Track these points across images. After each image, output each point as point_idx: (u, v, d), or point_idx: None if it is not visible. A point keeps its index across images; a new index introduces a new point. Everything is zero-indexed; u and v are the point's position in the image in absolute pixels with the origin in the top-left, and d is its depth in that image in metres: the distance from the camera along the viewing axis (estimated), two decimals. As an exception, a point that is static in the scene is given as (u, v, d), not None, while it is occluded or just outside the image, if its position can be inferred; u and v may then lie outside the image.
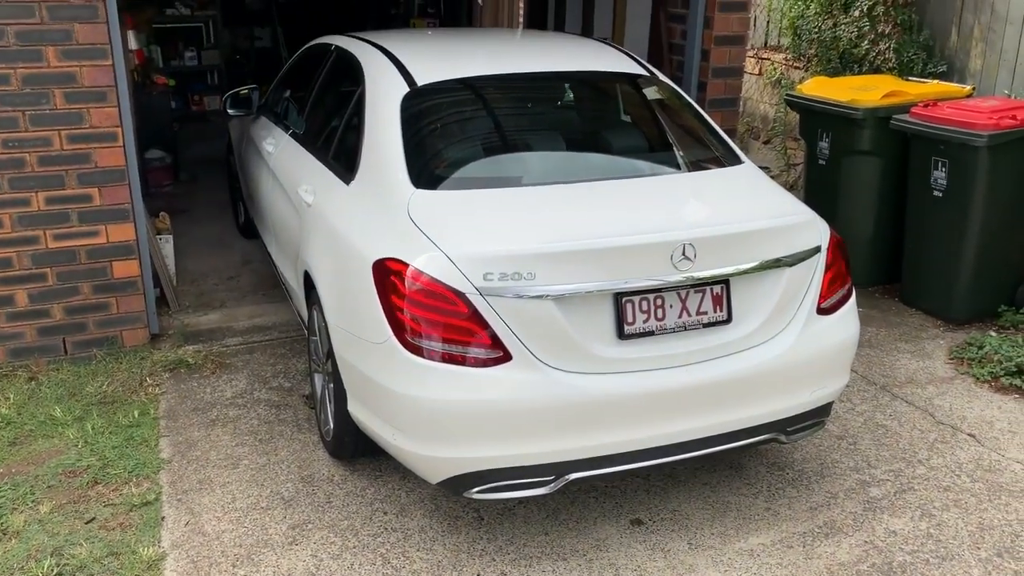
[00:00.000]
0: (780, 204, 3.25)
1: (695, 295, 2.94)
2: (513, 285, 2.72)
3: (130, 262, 4.54)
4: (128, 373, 4.49)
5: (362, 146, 3.44)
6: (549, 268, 2.74)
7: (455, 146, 3.44)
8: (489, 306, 2.73)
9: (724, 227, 2.94)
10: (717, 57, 5.48)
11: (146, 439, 3.89)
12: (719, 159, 3.53)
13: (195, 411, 4.14)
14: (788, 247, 3.05)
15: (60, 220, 4.35)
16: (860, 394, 4.30)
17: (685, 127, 3.77)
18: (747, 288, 3.01)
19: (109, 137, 4.31)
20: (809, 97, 5.53)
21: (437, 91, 3.53)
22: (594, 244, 2.78)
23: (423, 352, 2.76)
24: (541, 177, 3.26)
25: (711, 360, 2.97)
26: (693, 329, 2.95)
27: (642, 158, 3.50)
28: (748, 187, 3.36)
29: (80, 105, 4.22)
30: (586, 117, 3.79)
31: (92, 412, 4.10)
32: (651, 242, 2.82)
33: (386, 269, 2.86)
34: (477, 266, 2.73)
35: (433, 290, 2.74)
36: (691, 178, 3.36)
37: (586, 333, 2.82)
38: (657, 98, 3.86)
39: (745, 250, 2.97)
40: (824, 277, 3.17)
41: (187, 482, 3.56)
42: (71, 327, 4.53)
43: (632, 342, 2.88)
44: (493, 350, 2.75)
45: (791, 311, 3.10)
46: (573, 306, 2.79)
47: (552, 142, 3.54)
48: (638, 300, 2.87)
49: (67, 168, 4.29)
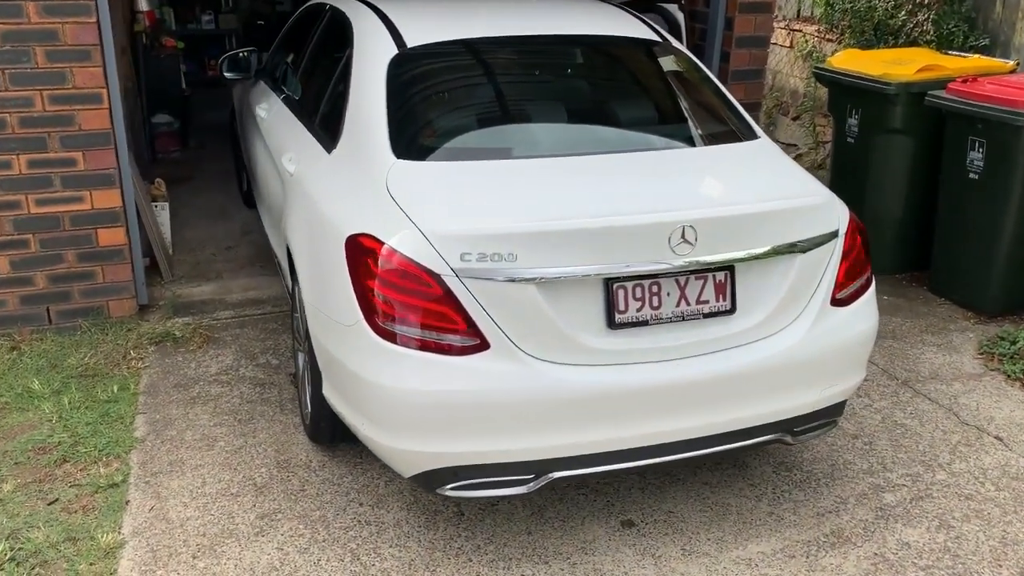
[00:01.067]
0: (795, 183, 2.98)
1: (696, 282, 2.69)
2: (492, 267, 2.49)
3: (116, 230, 4.36)
4: (113, 345, 4.32)
5: (346, 113, 3.21)
6: (532, 249, 2.50)
7: (444, 114, 3.19)
8: (466, 289, 2.50)
9: (730, 208, 2.67)
10: (742, 25, 5.15)
11: (122, 416, 3.73)
12: (733, 133, 3.25)
13: (177, 387, 3.97)
14: (801, 231, 2.78)
15: (43, 184, 4.18)
16: (879, 389, 4.02)
17: (697, 98, 3.48)
18: (754, 276, 2.75)
19: (93, 99, 4.11)
20: (838, 70, 5.20)
21: (428, 54, 3.28)
22: (582, 224, 2.53)
23: (395, 337, 2.54)
24: (534, 149, 3.01)
25: (711, 353, 2.72)
26: (692, 319, 2.70)
27: (647, 130, 3.22)
28: (761, 165, 3.09)
29: (63, 64, 4.02)
30: (590, 85, 3.52)
31: (71, 385, 3.95)
32: (647, 223, 2.56)
33: (359, 246, 2.64)
34: (454, 245, 2.50)
35: (407, 270, 2.51)
36: (699, 153, 3.09)
37: (573, 321, 2.58)
38: (668, 66, 3.57)
39: (753, 234, 2.71)
40: (840, 265, 2.90)
41: (158, 463, 3.39)
42: (55, 296, 4.38)
43: (624, 332, 2.64)
44: (469, 337, 2.53)
45: (802, 302, 2.83)
46: (558, 291, 2.55)
47: (551, 111, 3.28)
48: (631, 286, 2.62)
49: (50, 130, 4.10)
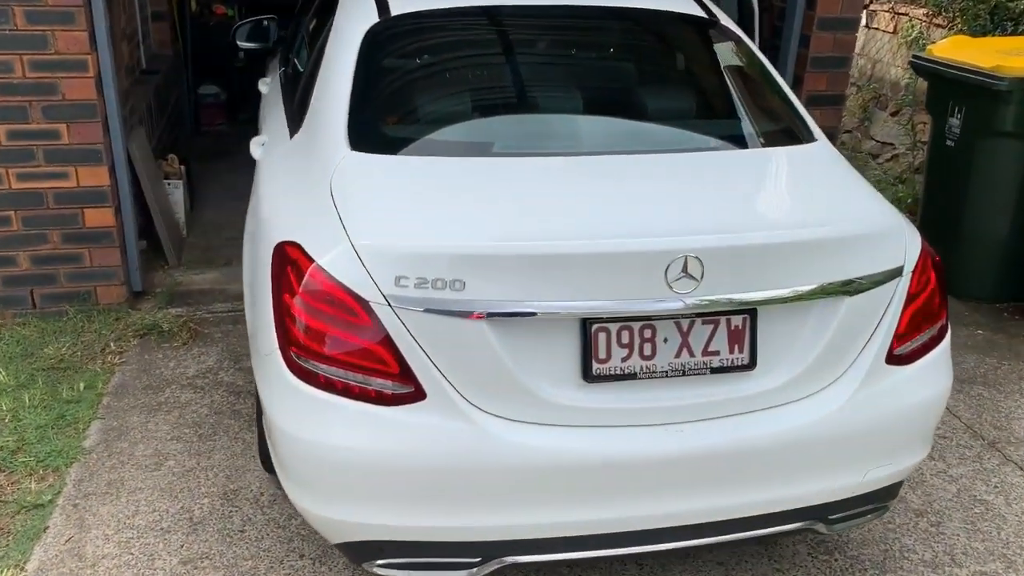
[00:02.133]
0: (850, 202, 2.32)
1: (703, 327, 2.08)
2: (433, 296, 1.95)
3: (103, 210, 3.99)
4: (96, 335, 3.98)
5: (313, 92, 2.71)
6: (484, 276, 1.95)
7: (419, 97, 2.64)
8: (400, 323, 1.97)
9: (753, 235, 2.04)
10: (826, 4, 4.42)
11: (78, 419, 3.36)
12: (782, 135, 2.60)
13: (146, 389, 3.59)
14: (851, 267, 2.14)
15: (24, 158, 3.84)
16: (958, 450, 3.31)
17: (743, 89, 2.83)
18: (782, 322, 2.13)
19: (77, 66, 3.73)
20: (941, 60, 4.41)
21: (414, 24, 2.74)
22: (550, 247, 1.96)
23: (311, 377, 2.03)
24: (522, 145, 2.44)
25: (720, 419, 2.12)
26: (697, 375, 2.10)
27: (671, 127, 2.58)
28: (811, 175, 2.44)
29: (43, 27, 3.65)
30: (606, 67, 2.89)
31: (38, 379, 3.61)
32: (636, 251, 1.97)
33: (284, 256, 2.14)
34: (388, 266, 1.97)
35: (331, 294, 2.00)
36: (732, 159, 2.44)
37: (535, 370, 2.02)
38: (708, 49, 2.93)
39: (784, 269, 2.08)
40: (904, 312, 2.24)
41: (95, 483, 2.99)
42: (39, 278, 4.05)
43: (603, 387, 2.06)
44: (402, 383, 2.00)
45: (847, 358, 2.20)
46: (517, 332, 1.99)
47: (553, 98, 2.69)
48: (616, 329, 2.04)
49: (30, 99, 3.75)
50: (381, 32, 2.67)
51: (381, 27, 2.68)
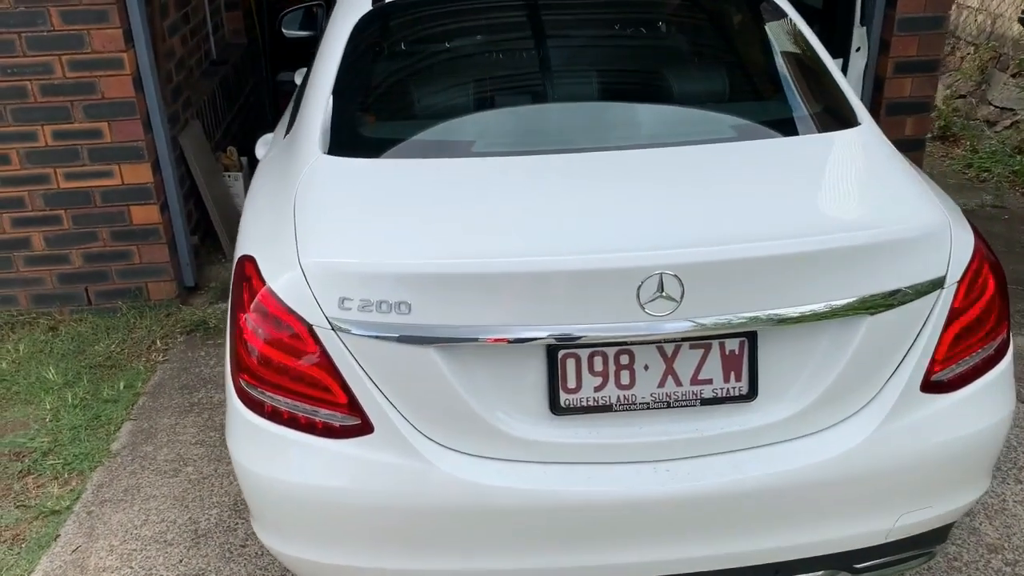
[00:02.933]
0: (881, 200, 1.97)
1: (691, 353, 1.81)
2: (379, 320, 1.76)
3: (149, 207, 4.00)
4: (146, 331, 4.01)
5: (306, 87, 2.55)
6: (432, 298, 1.74)
7: (404, 93, 2.42)
8: (344, 348, 1.79)
9: (743, 247, 1.74)
10: (915, -42, 3.93)
11: (112, 420, 3.38)
12: (813, 120, 2.25)
13: (182, 389, 3.57)
14: (874, 281, 1.80)
15: (70, 157, 3.88)
16: (1052, 473, 2.87)
17: (768, 66, 2.47)
18: (789, 345, 1.83)
19: (114, 64, 3.72)
20: (1054, 16, 3.84)
21: (411, 11, 2.53)
22: (501, 266, 1.72)
23: (259, 406, 1.88)
24: (504, 143, 2.19)
25: (712, 456, 1.85)
26: (684, 406, 1.83)
27: (672, 116, 2.26)
28: (839, 168, 2.09)
29: (79, 26, 3.66)
30: (604, 55, 2.52)
31: (83, 377, 3.66)
32: (601, 268, 1.71)
33: (242, 272, 1.99)
34: (332, 286, 1.79)
35: (278, 317, 1.84)
36: (743, 152, 2.10)
37: (494, 401, 1.80)
38: (729, 19, 2.58)
39: (788, 284, 1.77)
40: (947, 330, 1.89)
41: (114, 488, 2.98)
42: (92, 275, 4.11)
43: (574, 420, 1.82)
44: (348, 415, 1.82)
45: (871, 385, 1.87)
46: (472, 359, 1.78)
47: (546, 90, 2.40)
48: (587, 356, 1.79)
49: (72, 99, 3.77)
50: (373, 20, 2.48)
51: (374, 15, 2.49)
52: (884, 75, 4.15)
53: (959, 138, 5.98)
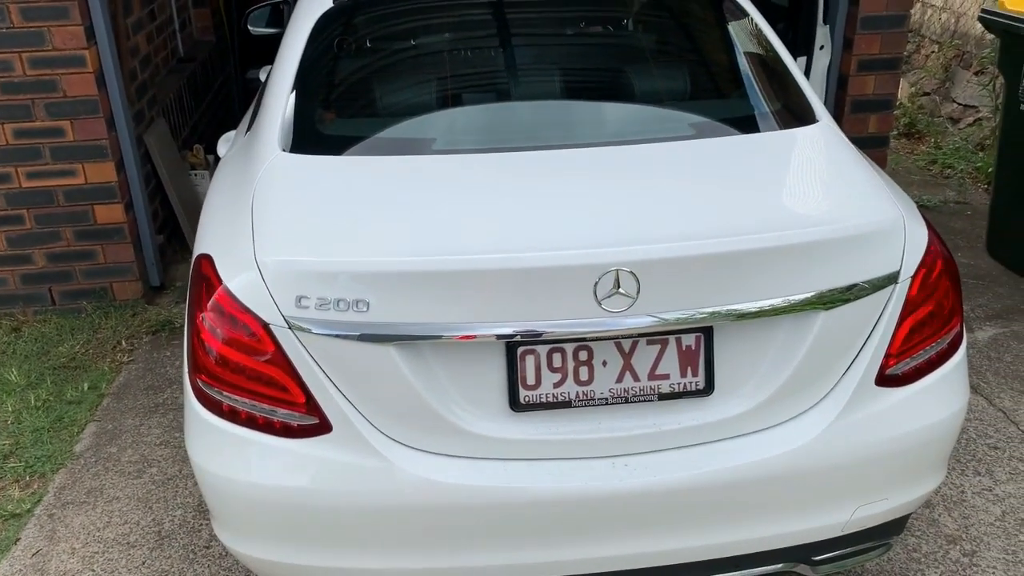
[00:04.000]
0: (836, 196, 1.99)
1: (648, 348, 1.82)
2: (336, 318, 1.75)
3: (113, 206, 3.96)
4: (111, 332, 3.97)
5: (267, 84, 2.53)
6: (391, 295, 1.74)
7: (365, 89, 2.41)
8: (302, 347, 1.79)
9: (697, 243, 1.75)
10: (877, -43, 3.97)
11: (75, 421, 3.34)
12: (771, 117, 2.27)
13: (148, 390, 3.54)
14: (829, 276, 1.82)
15: (32, 156, 3.83)
16: (1011, 464, 2.92)
17: (727, 64, 2.49)
18: (745, 340, 1.85)
19: (75, 61, 3.68)
20: (1013, 14, 3.90)
21: (372, 8, 2.52)
22: (459, 263, 1.72)
23: (216, 406, 1.87)
24: (464, 140, 2.19)
25: (671, 451, 1.86)
26: (643, 401, 1.84)
27: (633, 113, 2.27)
28: (795, 164, 2.11)
29: (39, 23, 3.61)
30: (567, 52, 2.50)
31: (47, 379, 3.62)
32: (557, 265, 1.72)
33: (199, 271, 1.98)
34: (289, 285, 1.78)
35: (235, 316, 1.83)
36: (700, 149, 2.11)
37: (454, 398, 1.81)
38: (689, 16, 2.60)
39: (743, 280, 1.79)
40: (901, 324, 1.92)
41: (77, 490, 2.95)
42: (56, 276, 4.06)
43: (534, 416, 1.83)
44: (306, 414, 1.82)
45: (827, 379, 1.90)
46: (431, 357, 1.78)
47: (508, 87, 2.40)
48: (546, 353, 1.80)
49: (33, 97, 3.73)
50: (335, 17, 2.47)
51: (336, 12, 2.48)
52: (847, 73, 4.19)
53: (924, 135, 6.06)
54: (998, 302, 3.96)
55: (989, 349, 3.59)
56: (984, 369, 3.45)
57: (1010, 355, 3.54)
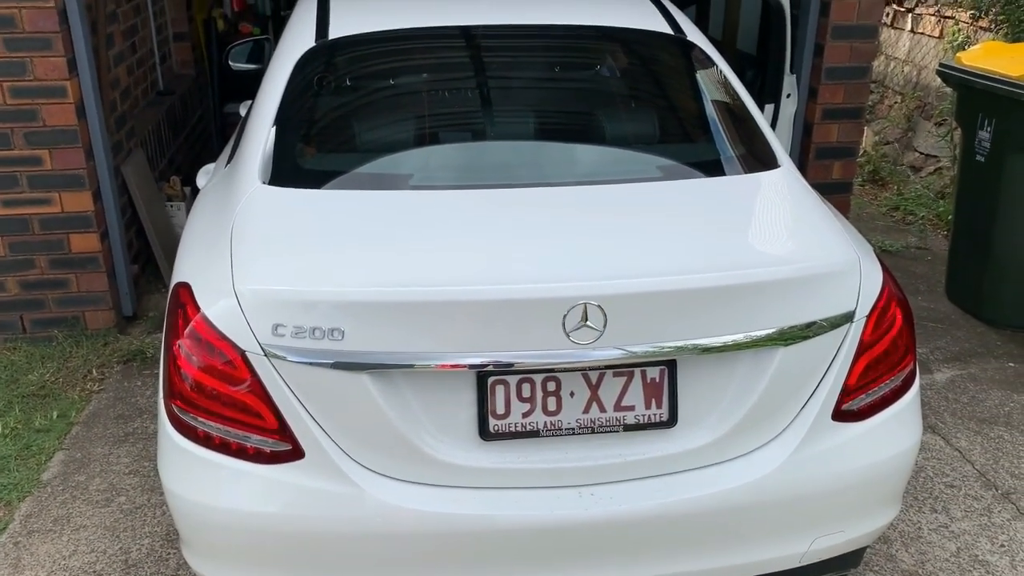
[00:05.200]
0: (795, 238, 2.09)
1: (614, 380, 1.88)
2: (312, 346, 1.80)
3: (88, 236, 3.97)
4: (82, 360, 3.96)
5: (248, 119, 2.60)
6: (365, 325, 1.79)
7: (344, 126, 2.49)
8: (277, 375, 1.83)
9: (663, 279, 1.83)
10: (840, 11, 4.13)
11: (44, 449, 3.32)
12: (735, 162, 2.37)
13: (118, 418, 3.54)
14: (789, 313, 1.90)
15: (9, 184, 3.84)
16: (966, 502, 3.00)
17: (695, 110, 2.60)
18: (707, 374, 1.92)
19: (57, 92, 3.72)
20: (969, 69, 4.07)
21: (352, 48, 2.60)
22: (433, 294, 1.79)
23: (191, 431, 1.90)
24: (439, 177, 2.27)
25: (636, 481, 1.92)
26: (608, 432, 1.90)
27: (604, 155, 2.37)
28: (758, 207, 2.21)
29: (22, 54, 3.65)
30: (541, 94, 2.62)
31: (15, 407, 3.59)
32: (527, 298, 1.78)
33: (177, 299, 2.02)
34: (266, 313, 1.83)
35: (211, 342, 1.87)
36: (667, 190, 2.21)
37: (425, 426, 1.85)
38: (668, 65, 2.71)
39: (706, 316, 1.86)
40: (857, 362, 2.00)
41: (43, 518, 2.93)
42: (28, 303, 4.06)
43: (503, 445, 1.88)
44: (279, 441, 1.85)
45: (785, 413, 1.97)
46: (404, 385, 1.83)
47: (483, 127, 2.49)
48: (515, 383, 1.86)
49: (12, 126, 3.75)
50: (315, 56, 2.54)
51: (316, 51, 2.55)
52: (813, 120, 4.34)
53: (887, 182, 6.24)
54: (956, 345, 4.08)
55: (947, 390, 3.70)
56: (942, 410, 3.55)
57: (966, 396, 3.65)
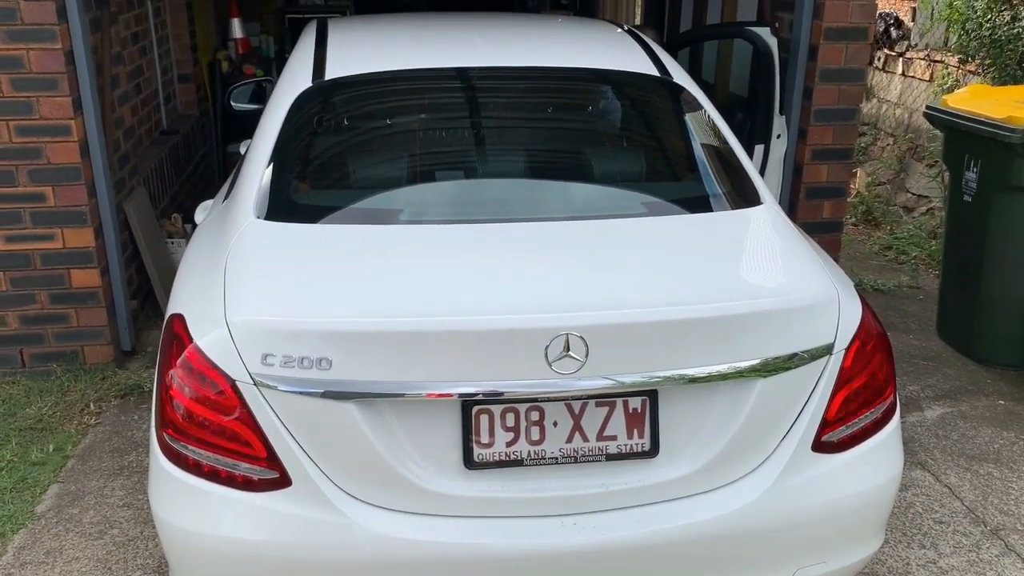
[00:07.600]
0: (776, 272, 2.14)
1: (597, 410, 1.92)
2: (300, 376, 1.84)
3: (89, 271, 4.03)
4: (80, 395, 4.00)
5: (246, 156, 2.67)
6: (352, 355, 1.84)
7: (338, 163, 2.56)
8: (265, 403, 1.87)
9: (644, 311, 1.88)
10: (828, 55, 4.23)
11: (38, 482, 3.35)
12: (718, 199, 2.43)
13: (113, 452, 3.56)
14: (769, 346, 1.95)
15: (12, 220, 3.91)
16: (954, 538, 3.01)
17: (678, 148, 2.67)
18: (688, 405, 1.95)
19: (61, 131, 3.80)
20: (955, 111, 4.15)
21: (348, 88, 2.68)
22: (418, 324, 1.83)
23: (181, 459, 1.94)
24: (429, 213, 2.33)
25: (618, 511, 1.95)
26: (591, 461, 1.94)
27: (587, 192, 2.43)
28: (740, 242, 2.26)
29: (28, 93, 3.74)
30: (530, 132, 2.70)
31: (12, 440, 3.63)
32: (510, 328, 1.83)
33: (170, 330, 2.07)
34: (255, 343, 1.87)
35: (202, 372, 1.91)
36: (649, 226, 2.27)
37: (410, 455, 1.89)
38: (653, 106, 2.79)
39: (688, 347, 1.91)
40: (836, 395, 2.04)
41: (36, 551, 2.95)
42: (28, 338, 4.10)
43: (487, 474, 1.92)
44: (267, 468, 1.89)
45: (766, 444, 2.00)
46: (390, 414, 1.87)
47: (473, 164, 2.56)
48: (499, 412, 1.90)
49: (17, 163, 3.83)
50: (312, 96, 2.62)
51: (313, 91, 2.63)
52: (803, 161, 4.42)
53: (880, 222, 6.32)
54: (947, 383, 4.11)
55: (937, 428, 3.72)
56: (932, 447, 3.57)
57: (956, 433, 3.67)
